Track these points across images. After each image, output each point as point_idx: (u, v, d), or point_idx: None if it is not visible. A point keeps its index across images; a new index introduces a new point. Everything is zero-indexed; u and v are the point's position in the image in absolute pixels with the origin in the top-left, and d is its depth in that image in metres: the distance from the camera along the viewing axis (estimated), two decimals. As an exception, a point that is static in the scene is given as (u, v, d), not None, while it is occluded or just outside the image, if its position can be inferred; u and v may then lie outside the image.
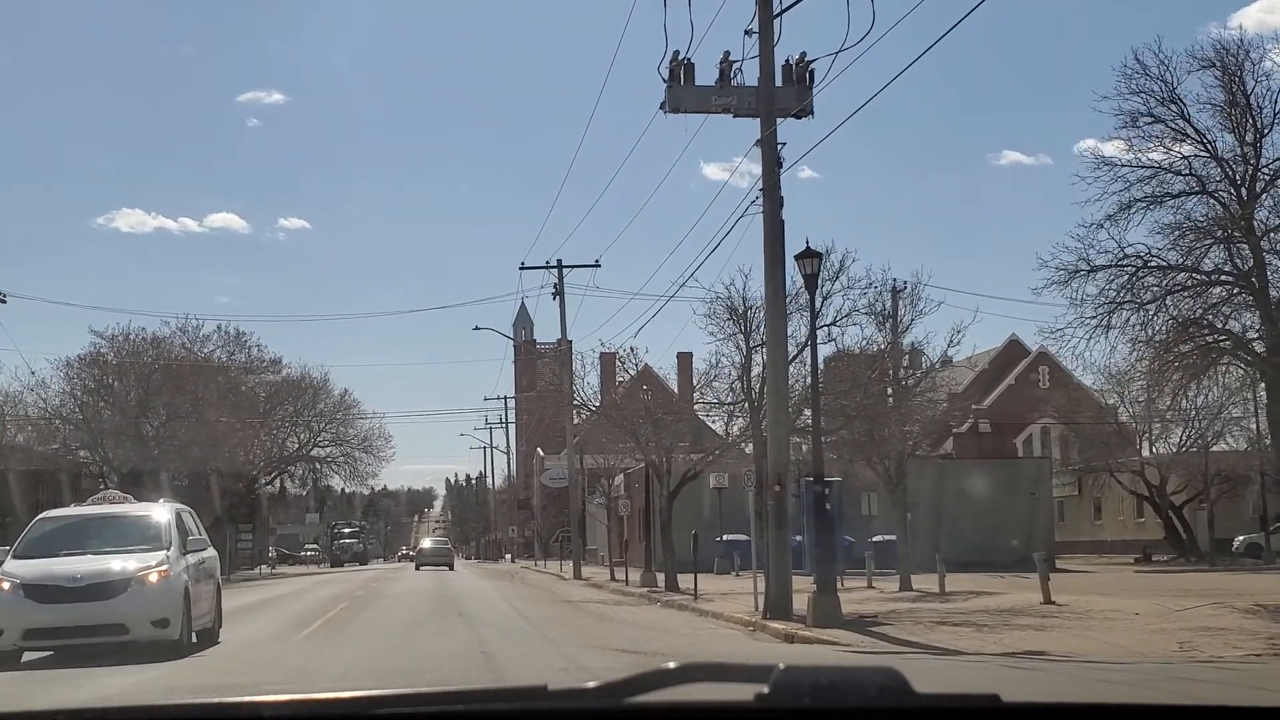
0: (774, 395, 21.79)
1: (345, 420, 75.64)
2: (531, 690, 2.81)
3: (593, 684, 2.76)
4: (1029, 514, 49.99)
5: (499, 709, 2.82)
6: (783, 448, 21.47)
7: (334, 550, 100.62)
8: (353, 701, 2.88)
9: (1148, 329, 24.63)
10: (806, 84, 22.62)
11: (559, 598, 33.96)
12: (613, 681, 2.72)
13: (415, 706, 2.81)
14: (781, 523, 21.09)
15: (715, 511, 38.72)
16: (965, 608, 22.53)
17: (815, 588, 19.94)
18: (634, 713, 2.70)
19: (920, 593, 26.88)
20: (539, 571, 60.68)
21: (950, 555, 31.50)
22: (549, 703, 2.78)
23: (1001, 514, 49.02)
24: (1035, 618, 19.86)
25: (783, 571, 21.03)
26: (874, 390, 27.60)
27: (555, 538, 79.53)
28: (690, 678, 2.68)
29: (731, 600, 25.99)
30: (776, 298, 21.70)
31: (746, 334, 24.77)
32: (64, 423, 56.30)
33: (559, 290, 51.55)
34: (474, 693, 2.97)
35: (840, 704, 2.56)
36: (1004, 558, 43.21)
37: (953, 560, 31.56)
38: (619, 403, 38.28)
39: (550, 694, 2.77)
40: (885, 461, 28.00)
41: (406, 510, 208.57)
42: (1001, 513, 49.03)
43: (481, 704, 2.85)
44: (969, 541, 43.62)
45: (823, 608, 19.64)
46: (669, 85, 22.85)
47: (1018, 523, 48.87)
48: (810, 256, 21.25)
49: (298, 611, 29.01)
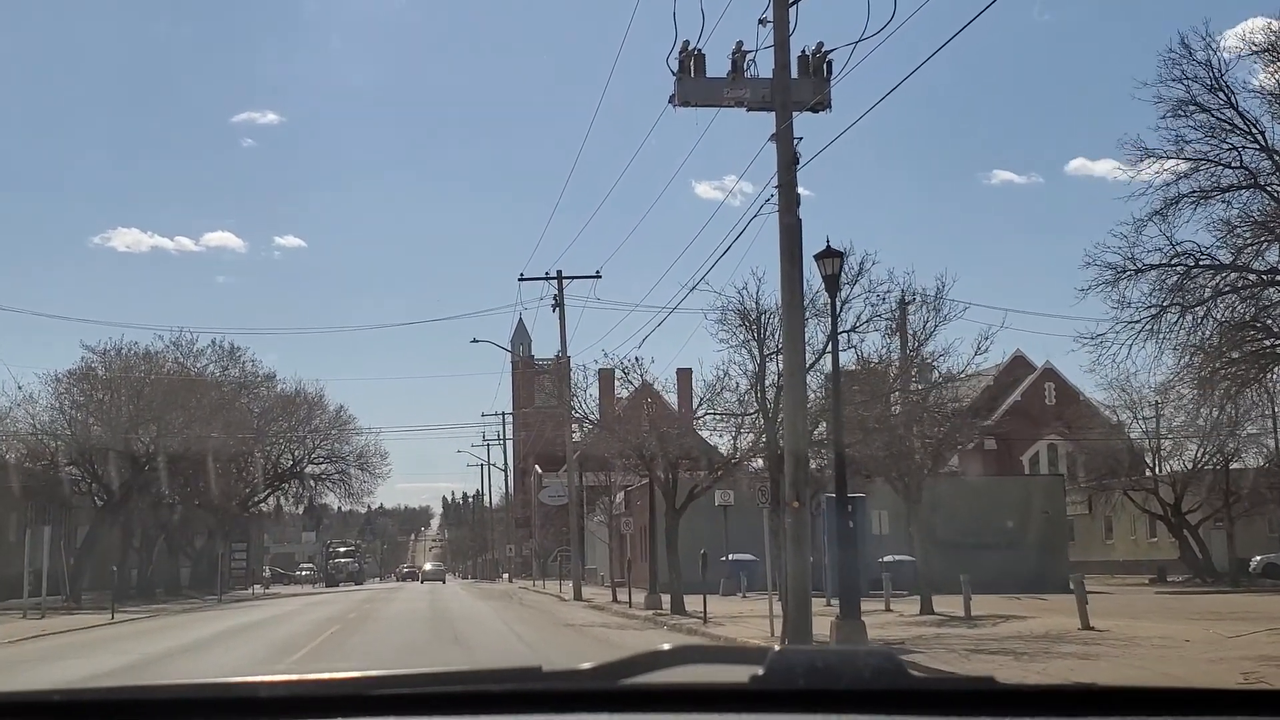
0: (791, 405, 20.31)
1: (340, 436, 74.52)
2: (526, 671, 2.83)
3: (588, 665, 2.79)
4: (1043, 533, 48.56)
5: (495, 689, 2.83)
6: (801, 461, 20.00)
7: (329, 569, 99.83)
8: (350, 682, 2.88)
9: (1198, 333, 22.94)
10: (824, 76, 21.22)
11: (560, 621, 32.47)
12: (608, 663, 2.77)
13: (412, 687, 2.83)
14: (801, 541, 19.64)
15: (720, 530, 37.49)
16: (997, 633, 21.04)
17: (838, 611, 18.51)
18: (629, 693, 2.71)
19: (944, 616, 25.41)
20: (537, 592, 59.11)
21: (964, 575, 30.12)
22: (544, 683, 2.81)
23: (1014, 533, 47.57)
24: (1077, 645, 18.38)
25: (802, 594, 19.55)
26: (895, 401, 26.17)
27: (554, 557, 78.24)
28: (685, 659, 2.75)
29: (744, 624, 24.55)
30: (793, 300, 20.24)
31: (760, 340, 23.29)
32: (52, 438, 54.84)
33: (559, 302, 50.18)
34: (470, 673, 2.97)
35: (835, 686, 2.58)
36: (1018, 578, 41.76)
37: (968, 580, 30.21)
38: (622, 416, 36.83)
39: (545, 674, 2.80)
40: (904, 478, 26.54)
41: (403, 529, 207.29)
42: (1014, 532, 47.58)
43: (477, 684, 2.87)
44: (981, 562, 42.14)
45: (847, 633, 18.23)
46: (678, 78, 21.41)
47: (1031, 542, 47.46)
48: (831, 256, 19.85)
49: (284, 637, 27.58)
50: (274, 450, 71.71)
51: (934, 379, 27.75)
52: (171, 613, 42.99)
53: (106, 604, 39.59)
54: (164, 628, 32.85)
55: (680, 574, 31.82)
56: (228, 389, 63.85)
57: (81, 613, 41.12)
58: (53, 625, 33.27)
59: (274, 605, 49.16)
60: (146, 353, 58.08)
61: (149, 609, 44.66)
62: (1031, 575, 43.64)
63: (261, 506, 78.78)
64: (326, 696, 2.83)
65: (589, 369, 35.85)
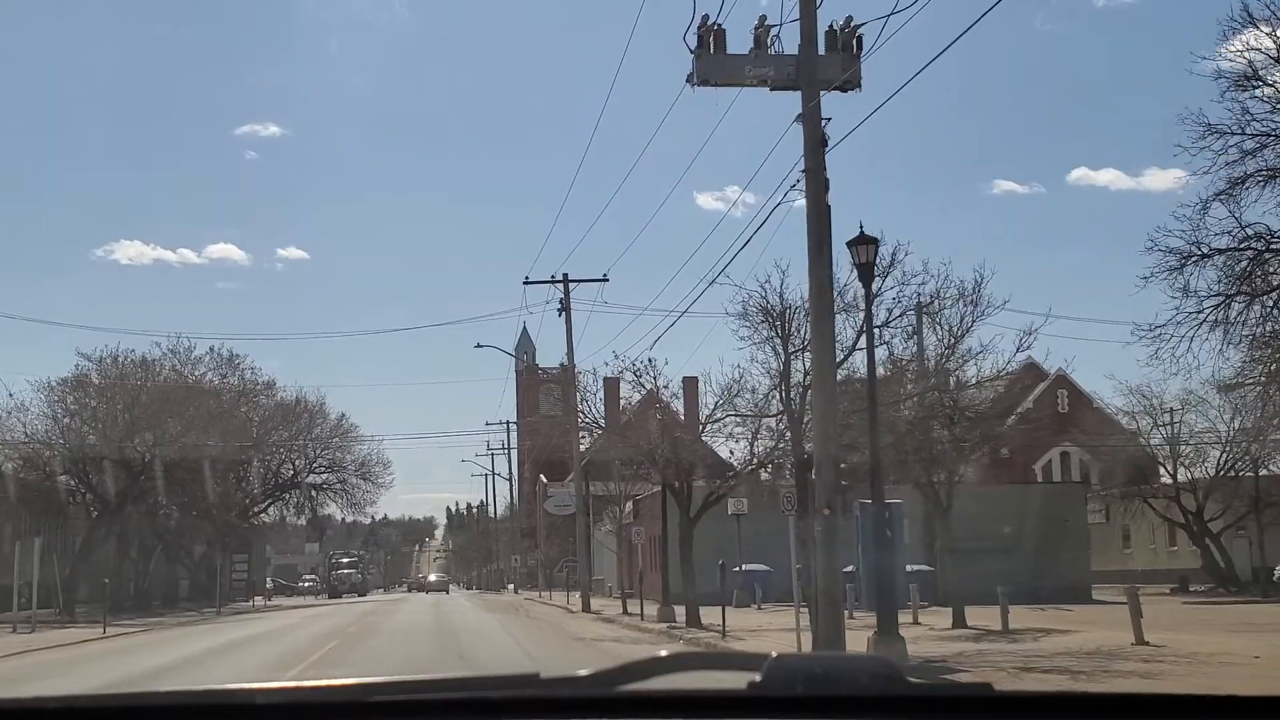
0: (821, 405, 18.90)
1: (342, 445, 73.28)
2: (525, 678, 2.82)
3: (585, 671, 2.75)
4: (1063, 542, 47.13)
5: (493, 696, 2.80)
6: (831, 463, 18.59)
7: (331, 581, 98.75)
8: (347, 689, 2.86)
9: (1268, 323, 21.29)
10: (854, 52, 19.83)
11: (570, 635, 31.01)
12: (606, 669, 2.73)
13: (410, 694, 2.81)
14: (832, 548, 18.24)
15: (732, 540, 36.13)
16: (1042, 649, 19.58)
17: (875, 626, 17.10)
18: (626, 700, 2.68)
19: (979, 630, 23.97)
20: (544, 603, 57.61)
21: (984, 586, 28.84)
22: (542, 690, 2.78)
23: (1035, 542, 46.06)
24: (1135, 662, 16.92)
25: (834, 607, 18.16)
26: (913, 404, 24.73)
27: (559, 567, 76.92)
28: (683, 665, 2.75)
29: (766, 638, 23.15)
30: (822, 292, 18.84)
31: (785, 337, 21.88)
32: (46, 447, 53.54)
33: (565, 306, 48.79)
34: (468, 680, 2.95)
35: (833, 692, 2.57)
36: (1038, 588, 40.30)
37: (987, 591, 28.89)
38: (633, 420, 35.39)
39: (543, 681, 2.79)
40: (935, 482, 25.09)
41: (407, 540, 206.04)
42: (1035, 541, 46.07)
43: (475, 691, 2.85)
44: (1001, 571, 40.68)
45: (884, 651, 16.80)
46: (696, 54, 19.98)
47: (1052, 551, 46.00)
48: (866, 243, 18.43)
49: (279, 653, 26.18)
50: (273, 460, 70.47)
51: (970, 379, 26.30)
52: (166, 626, 41.57)
53: (100, 617, 38.20)
54: (154, 643, 31.44)
55: (695, 585, 30.39)
56: (226, 397, 62.62)
57: (74, 626, 39.85)
58: (40, 640, 31.88)
59: (274, 618, 47.78)
60: (143, 360, 57.00)
61: (143, 622, 43.24)
62: (1052, 585, 42.21)
63: (262, 517, 77.56)
64: (325, 703, 2.81)
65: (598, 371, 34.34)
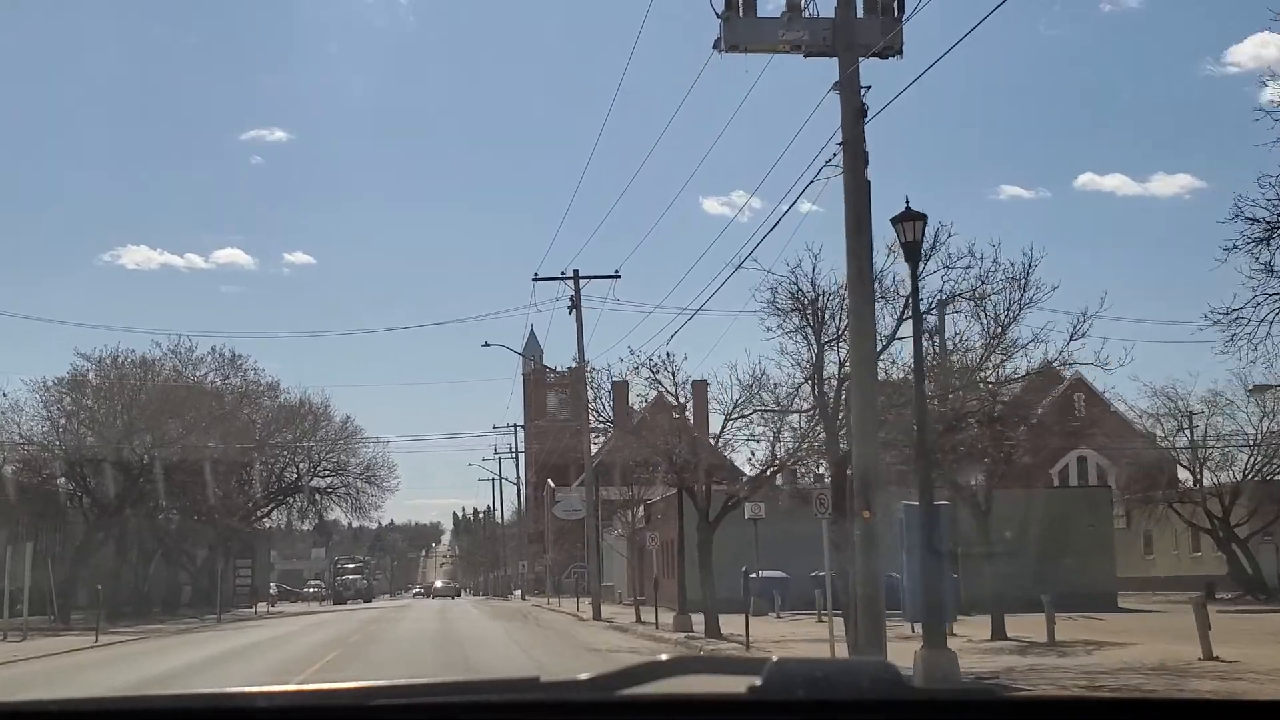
0: (860, 399, 17.36)
1: (347, 448, 71.79)
2: (525, 681, 2.81)
3: (585, 675, 2.72)
4: (1088, 548, 45.60)
5: (493, 699, 2.78)
6: (871, 461, 17.08)
7: (336, 587, 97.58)
8: (348, 693, 2.84)
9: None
10: (894, 14, 18.34)
11: (582, 644, 29.46)
12: (606, 673, 2.70)
13: (411, 698, 2.79)
14: (872, 555, 16.73)
15: (748, 545, 34.78)
16: (1098, 664, 18.00)
17: (922, 639, 15.59)
18: (626, 704, 2.64)
19: (1022, 641, 22.42)
20: (553, 610, 56.02)
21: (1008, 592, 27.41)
22: (542, 693, 2.75)
23: (1059, 548, 44.46)
24: (1211, 680, 15.37)
25: (875, 617, 16.65)
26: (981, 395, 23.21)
27: (568, 573, 75.41)
28: (684, 669, 2.69)
29: (794, 649, 21.63)
30: (862, 274, 17.33)
31: (817, 326, 20.34)
32: (42, 449, 52.15)
33: (575, 303, 47.23)
34: (468, 684, 2.95)
35: (833, 696, 2.55)
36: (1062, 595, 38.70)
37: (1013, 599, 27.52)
38: (647, 420, 33.87)
39: (543, 685, 2.77)
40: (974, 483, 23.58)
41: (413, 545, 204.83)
42: (1059, 546, 44.47)
43: (475, 695, 2.84)
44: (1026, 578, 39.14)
45: (934, 666, 15.30)
46: (724, 18, 18.45)
47: (1076, 557, 44.42)
48: (912, 219, 16.90)
49: (277, 662, 24.77)
50: (276, 463, 69.03)
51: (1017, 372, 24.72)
52: (164, 634, 40.07)
53: (96, 624, 36.74)
54: (147, 652, 29.97)
55: (714, 593, 28.87)
56: (229, 398, 61.21)
57: (68, 633, 38.45)
58: (27, 649, 30.42)
59: (276, 625, 46.29)
60: (143, 360, 55.62)
61: (140, 630, 41.74)
62: (1078, 593, 40.59)
63: (266, 521, 76.10)
64: (325, 707, 2.79)
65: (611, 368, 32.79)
